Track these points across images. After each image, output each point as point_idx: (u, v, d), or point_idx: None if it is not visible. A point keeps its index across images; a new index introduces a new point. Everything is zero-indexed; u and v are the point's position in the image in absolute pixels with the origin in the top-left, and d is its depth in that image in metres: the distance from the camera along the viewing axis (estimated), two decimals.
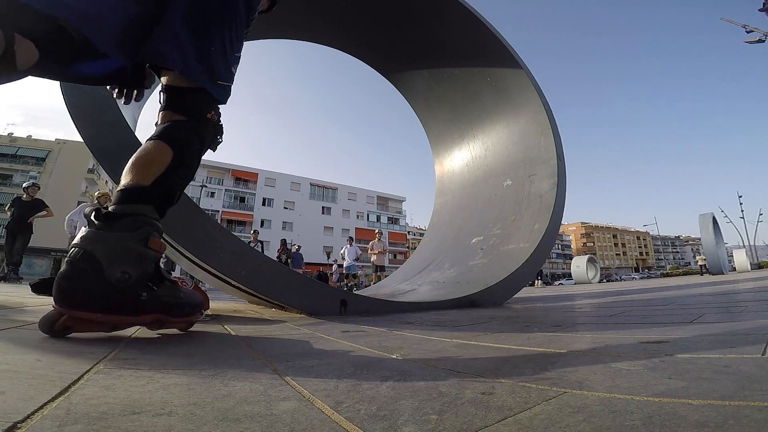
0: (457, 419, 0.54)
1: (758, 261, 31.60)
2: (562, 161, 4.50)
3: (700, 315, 1.84)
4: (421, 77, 5.86)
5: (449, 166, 6.22)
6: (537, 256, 3.92)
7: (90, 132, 2.15)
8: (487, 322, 2.05)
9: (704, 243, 15.55)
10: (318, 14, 5.00)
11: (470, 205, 5.52)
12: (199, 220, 2.25)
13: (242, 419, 0.54)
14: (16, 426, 0.47)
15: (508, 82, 5.02)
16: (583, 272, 15.61)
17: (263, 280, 2.35)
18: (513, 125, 5.12)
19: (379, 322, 2.12)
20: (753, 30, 13.54)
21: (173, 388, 0.69)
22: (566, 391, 0.66)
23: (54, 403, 0.57)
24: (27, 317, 1.67)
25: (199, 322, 2.02)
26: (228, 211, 42.34)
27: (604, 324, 1.84)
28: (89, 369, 0.80)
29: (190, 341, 1.33)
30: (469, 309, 3.05)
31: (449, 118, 6.00)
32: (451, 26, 4.89)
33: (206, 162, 43.18)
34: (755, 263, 26.78)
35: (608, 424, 0.50)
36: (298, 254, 11.85)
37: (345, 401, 0.63)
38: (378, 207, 54.04)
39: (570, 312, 2.78)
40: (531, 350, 1.12)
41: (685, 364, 0.82)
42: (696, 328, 1.41)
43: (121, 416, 0.53)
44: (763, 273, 12.07)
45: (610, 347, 1.10)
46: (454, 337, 1.44)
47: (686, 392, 0.61)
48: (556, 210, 4.17)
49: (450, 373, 0.84)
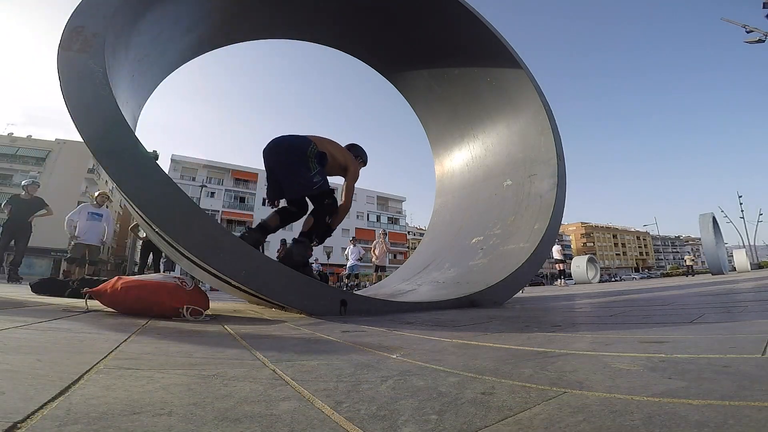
0: (457, 419, 0.54)
1: (758, 261, 31.59)
2: (562, 161, 4.50)
3: (700, 315, 1.84)
4: (421, 77, 5.86)
5: (449, 166, 6.22)
6: (537, 256, 3.92)
7: (90, 132, 2.15)
8: (487, 322, 2.05)
9: (704, 243, 15.55)
10: (319, 15, 5.00)
11: (470, 205, 5.52)
12: (199, 221, 2.25)
13: (242, 419, 0.54)
14: (16, 426, 0.47)
15: (508, 81, 5.02)
16: (583, 272, 15.59)
17: (263, 280, 2.35)
18: (513, 125, 5.12)
19: (379, 322, 2.12)
20: (753, 30, 13.56)
21: (173, 388, 0.69)
22: (566, 391, 0.66)
23: (54, 403, 0.57)
24: (27, 317, 1.67)
25: (199, 322, 2.02)
26: (228, 211, 42.36)
27: (604, 324, 1.84)
28: (89, 369, 0.80)
29: (190, 341, 1.33)
30: (469, 309, 3.05)
31: (449, 118, 6.00)
32: (451, 26, 4.89)
33: (206, 162, 43.22)
34: (755, 263, 26.78)
35: (608, 424, 0.50)
36: None
37: (345, 401, 0.63)
38: (378, 207, 54.07)
39: (570, 312, 2.78)
40: (531, 350, 1.12)
41: (685, 364, 0.82)
42: (696, 328, 1.41)
43: (121, 416, 0.53)
44: (763, 273, 12.07)
45: (610, 347, 1.10)
46: (454, 337, 1.44)
47: (686, 392, 0.61)
48: (556, 210, 4.17)
49: (450, 373, 0.84)
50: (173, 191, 2.24)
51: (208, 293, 2.66)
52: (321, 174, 2.64)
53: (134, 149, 2.21)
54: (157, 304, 2.10)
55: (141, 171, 2.19)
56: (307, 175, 2.56)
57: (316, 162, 2.62)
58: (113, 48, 2.62)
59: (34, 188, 6.50)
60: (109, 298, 2.14)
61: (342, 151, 3.00)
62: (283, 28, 5.18)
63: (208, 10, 4.15)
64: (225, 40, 4.83)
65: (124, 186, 2.14)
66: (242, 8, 4.41)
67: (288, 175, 2.60)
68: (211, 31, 4.51)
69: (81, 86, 2.23)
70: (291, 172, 2.57)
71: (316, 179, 2.58)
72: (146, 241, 6.61)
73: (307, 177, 2.56)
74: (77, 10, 2.47)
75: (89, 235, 6.07)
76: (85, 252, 6.07)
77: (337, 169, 2.94)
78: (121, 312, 2.14)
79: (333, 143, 2.97)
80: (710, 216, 15.93)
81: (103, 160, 2.14)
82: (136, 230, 6.94)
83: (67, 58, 2.28)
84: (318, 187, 2.59)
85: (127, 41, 2.99)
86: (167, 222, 2.20)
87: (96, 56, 2.32)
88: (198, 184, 33.62)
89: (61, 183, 33.28)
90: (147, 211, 2.19)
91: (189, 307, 2.10)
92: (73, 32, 2.36)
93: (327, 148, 2.78)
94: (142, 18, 3.12)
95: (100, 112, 2.21)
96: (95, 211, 6.25)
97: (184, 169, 41.90)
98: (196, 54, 4.70)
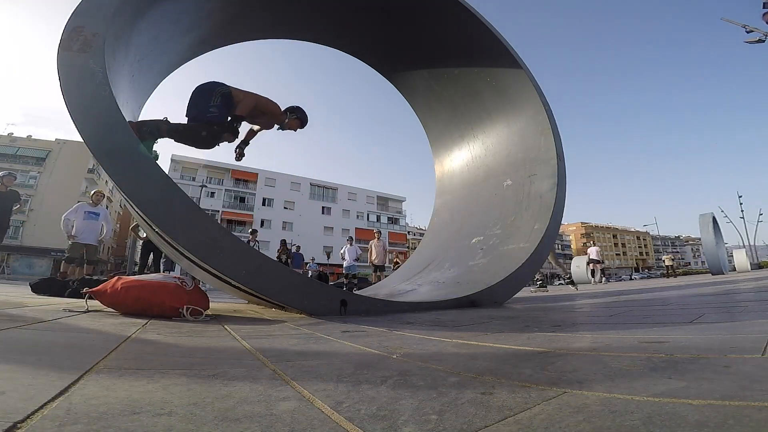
0: (457, 419, 0.54)
1: (758, 261, 31.56)
2: (562, 161, 4.50)
3: (700, 315, 1.84)
4: (421, 77, 5.86)
5: (449, 166, 6.22)
6: (537, 256, 3.92)
7: (90, 132, 2.15)
8: (487, 322, 2.05)
9: (704, 243, 15.53)
10: (319, 15, 5.00)
11: (470, 206, 5.52)
12: (199, 220, 2.25)
13: (242, 419, 0.54)
14: (16, 426, 0.47)
15: (508, 82, 5.02)
16: (583, 272, 15.58)
17: (263, 280, 2.35)
18: (513, 125, 5.12)
19: (379, 322, 2.12)
20: (753, 30, 13.55)
21: (173, 388, 0.69)
22: (566, 391, 0.66)
23: (54, 403, 0.57)
24: (27, 317, 1.67)
25: (199, 322, 2.02)
26: (228, 211, 42.32)
27: (604, 324, 1.84)
28: (89, 369, 0.80)
29: (190, 341, 1.33)
30: (469, 309, 3.05)
31: (449, 118, 6.00)
32: (451, 26, 4.89)
33: (206, 162, 43.20)
34: (755, 263, 26.74)
35: (608, 424, 0.50)
36: (299, 254, 11.86)
37: (345, 401, 0.63)
38: (378, 207, 54.04)
39: (570, 312, 2.78)
40: (531, 350, 1.12)
41: (685, 364, 0.82)
42: (696, 328, 1.41)
43: (121, 416, 0.53)
44: (763, 273, 12.07)
45: (610, 347, 1.10)
46: (454, 337, 1.44)
47: (686, 392, 0.61)
48: (556, 210, 4.17)
49: (450, 373, 0.84)
50: (173, 191, 2.24)
51: (209, 293, 2.66)
52: (219, 108, 3.12)
53: (134, 149, 2.21)
54: (157, 304, 2.10)
55: (141, 171, 2.19)
56: (204, 106, 3.08)
57: (219, 99, 3.13)
58: (113, 48, 2.62)
59: (10, 180, 6.13)
60: (109, 298, 2.14)
61: (267, 102, 3.48)
62: (283, 28, 5.18)
63: (208, 11, 4.15)
64: (225, 40, 4.82)
65: (124, 186, 2.14)
66: (242, 8, 4.41)
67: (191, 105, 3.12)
68: (211, 31, 4.51)
69: (81, 86, 2.23)
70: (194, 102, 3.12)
71: (212, 110, 3.08)
72: (146, 241, 6.61)
73: (203, 107, 3.08)
74: (77, 10, 2.47)
75: (86, 234, 6.05)
76: (83, 252, 6.05)
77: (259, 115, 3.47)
78: (121, 312, 2.14)
79: (258, 96, 3.44)
80: (710, 216, 15.92)
81: (103, 160, 2.14)
82: (136, 230, 6.93)
83: (67, 58, 2.28)
84: (210, 116, 3.08)
85: (127, 41, 2.99)
86: (167, 222, 2.20)
87: (96, 56, 2.32)
88: (198, 184, 33.57)
89: (61, 183, 33.26)
90: (147, 211, 2.19)
91: (189, 307, 2.10)
92: (73, 32, 2.36)
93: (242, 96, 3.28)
94: (142, 18, 3.12)
95: (100, 112, 2.21)
96: (92, 210, 6.22)
97: (184, 169, 41.87)
98: (196, 54, 4.70)
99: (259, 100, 3.43)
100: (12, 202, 6.09)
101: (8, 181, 6.11)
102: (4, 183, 6.03)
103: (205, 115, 3.08)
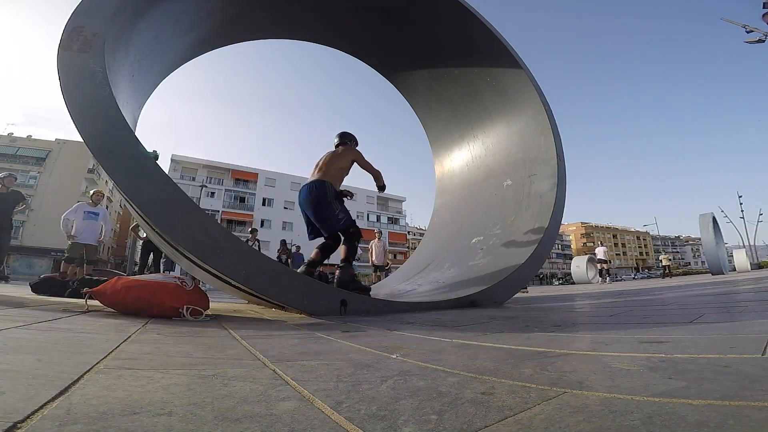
0: (457, 419, 0.54)
1: (758, 261, 31.56)
2: (562, 161, 4.50)
3: (699, 315, 1.84)
4: (421, 77, 5.86)
5: (449, 166, 6.23)
6: (537, 256, 3.92)
7: (90, 132, 2.15)
8: (487, 322, 2.05)
9: (704, 243, 15.54)
10: (319, 15, 5.00)
11: (470, 205, 5.52)
12: (199, 221, 2.25)
13: (242, 419, 0.54)
14: (16, 426, 0.47)
15: (508, 82, 5.02)
16: (583, 272, 15.58)
17: (263, 280, 2.35)
18: (513, 125, 5.12)
19: (379, 322, 2.12)
20: (753, 30, 13.55)
21: (173, 388, 0.69)
22: (566, 391, 0.66)
23: (54, 403, 0.57)
24: (27, 317, 1.67)
25: (199, 322, 2.02)
26: (228, 211, 42.34)
27: (604, 324, 1.84)
28: (89, 369, 0.80)
29: (190, 341, 1.33)
30: (469, 309, 3.05)
31: (449, 118, 6.00)
32: (451, 26, 4.89)
33: (206, 162, 43.22)
34: (755, 263, 26.75)
35: (608, 424, 0.50)
36: (299, 254, 11.86)
37: (345, 401, 0.63)
38: (378, 207, 54.06)
39: (570, 312, 2.78)
40: (531, 350, 1.12)
41: (685, 364, 0.82)
42: (696, 328, 1.41)
43: (121, 416, 0.53)
44: (763, 273, 12.07)
45: (610, 347, 1.10)
46: (454, 337, 1.44)
47: (686, 392, 0.61)
48: (556, 210, 4.17)
49: (450, 373, 0.84)
50: (173, 191, 2.24)
51: (209, 293, 2.66)
52: (343, 211, 3.31)
53: (134, 149, 2.21)
54: (157, 304, 2.10)
55: (141, 171, 2.19)
56: (333, 215, 3.23)
57: (336, 201, 3.28)
58: (113, 48, 2.62)
59: (10, 181, 6.11)
60: (109, 298, 2.14)
61: (341, 158, 3.47)
62: (282, 28, 5.18)
63: (208, 11, 4.15)
64: (225, 40, 4.83)
65: (124, 186, 2.15)
66: (242, 8, 4.41)
67: (320, 219, 3.26)
68: (211, 31, 4.51)
69: (81, 86, 2.23)
70: (322, 217, 3.25)
71: (340, 216, 3.25)
72: (146, 241, 6.61)
73: (333, 217, 3.23)
74: (77, 10, 2.47)
75: (86, 234, 6.04)
76: (83, 252, 6.05)
77: (348, 170, 3.51)
78: (121, 312, 2.14)
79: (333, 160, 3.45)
80: (710, 216, 15.92)
81: (103, 160, 2.14)
82: (136, 230, 6.92)
83: (67, 58, 2.28)
84: (343, 223, 3.25)
85: (127, 41, 2.99)
86: (167, 222, 2.20)
87: (96, 56, 2.32)
88: (198, 184, 33.60)
89: (61, 183, 33.27)
90: (147, 211, 2.19)
91: (189, 307, 2.10)
92: (73, 32, 2.36)
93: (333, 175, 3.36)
94: (142, 18, 3.12)
95: (100, 112, 2.21)
96: (91, 210, 6.21)
97: (184, 169, 41.87)
98: (195, 54, 4.70)
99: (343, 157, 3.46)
100: (13, 204, 6.06)
101: (8, 182, 6.09)
102: (4, 184, 6.01)
103: (339, 225, 3.24)
